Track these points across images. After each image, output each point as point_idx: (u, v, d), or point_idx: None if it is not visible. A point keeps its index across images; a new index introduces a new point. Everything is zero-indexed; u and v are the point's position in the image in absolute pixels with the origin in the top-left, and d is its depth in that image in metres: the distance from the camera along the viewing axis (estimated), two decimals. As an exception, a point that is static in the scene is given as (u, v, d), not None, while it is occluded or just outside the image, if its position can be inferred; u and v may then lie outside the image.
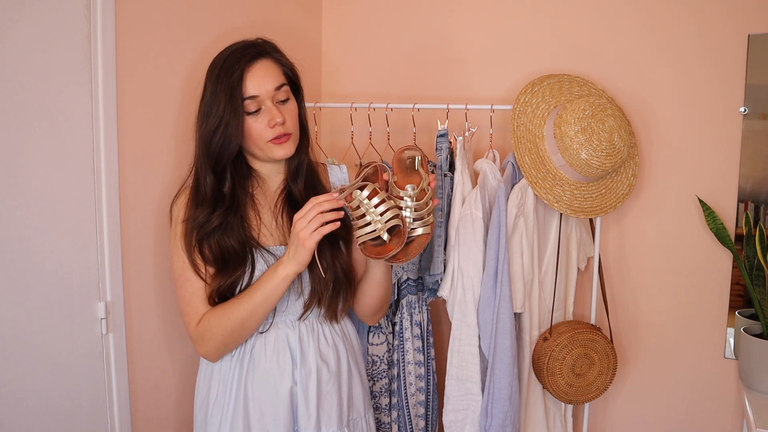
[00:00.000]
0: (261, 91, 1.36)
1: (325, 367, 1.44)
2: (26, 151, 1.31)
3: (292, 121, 1.41)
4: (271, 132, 1.37)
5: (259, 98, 1.36)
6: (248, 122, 1.37)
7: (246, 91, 1.35)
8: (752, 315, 1.77)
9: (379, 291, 1.49)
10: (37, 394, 1.36)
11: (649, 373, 1.93)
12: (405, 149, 1.47)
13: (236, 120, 1.34)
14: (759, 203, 1.76)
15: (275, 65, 1.41)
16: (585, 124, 1.60)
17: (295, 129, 1.43)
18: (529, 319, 1.76)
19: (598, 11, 1.89)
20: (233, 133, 1.35)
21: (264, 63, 1.39)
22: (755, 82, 1.73)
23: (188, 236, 1.38)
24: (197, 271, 1.38)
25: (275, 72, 1.40)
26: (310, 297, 1.42)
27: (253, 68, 1.36)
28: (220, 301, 1.38)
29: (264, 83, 1.37)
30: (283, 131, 1.38)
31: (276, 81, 1.38)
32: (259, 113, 1.37)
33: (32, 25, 1.31)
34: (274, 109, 1.37)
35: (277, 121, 1.36)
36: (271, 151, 1.40)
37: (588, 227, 1.90)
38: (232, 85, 1.34)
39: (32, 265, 1.34)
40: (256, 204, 1.45)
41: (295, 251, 1.31)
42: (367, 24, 2.21)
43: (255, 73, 1.36)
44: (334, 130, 2.26)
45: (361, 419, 1.52)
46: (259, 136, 1.38)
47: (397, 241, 1.32)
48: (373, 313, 1.55)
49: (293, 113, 1.42)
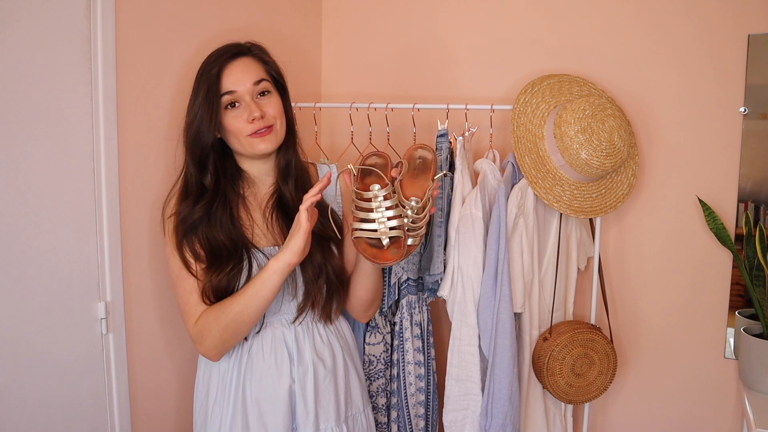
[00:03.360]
0: (238, 87, 1.39)
1: (321, 364, 1.44)
2: (26, 151, 1.31)
3: (274, 113, 1.42)
4: (251, 127, 1.39)
5: (236, 93, 1.39)
6: (228, 119, 1.40)
7: (223, 87, 1.38)
8: (752, 315, 1.77)
9: (370, 283, 1.49)
10: (37, 394, 1.36)
11: (649, 373, 1.93)
12: (418, 147, 1.45)
13: (209, 114, 1.37)
14: (759, 203, 1.76)
15: (256, 62, 1.43)
16: (585, 124, 1.60)
17: (277, 122, 1.43)
18: (529, 319, 1.76)
19: (598, 11, 1.89)
20: (207, 127, 1.38)
21: (243, 60, 1.42)
22: (755, 82, 1.73)
23: (176, 232, 1.40)
24: (189, 269, 1.38)
25: (255, 69, 1.42)
26: (304, 300, 1.43)
27: (231, 65, 1.40)
28: (217, 300, 1.38)
29: (242, 79, 1.39)
30: (263, 124, 1.40)
31: (255, 77, 1.41)
32: (238, 109, 1.40)
33: (32, 25, 1.31)
34: (253, 104, 1.39)
35: (255, 116, 1.38)
36: (251, 145, 1.41)
37: (588, 227, 1.90)
38: (210, 82, 1.38)
39: (32, 265, 1.34)
40: (248, 205, 1.45)
41: (290, 238, 1.32)
42: (366, 24, 2.21)
43: (233, 69, 1.40)
44: (334, 130, 2.26)
45: (360, 414, 1.53)
46: (239, 130, 1.40)
47: (396, 252, 1.31)
48: (365, 307, 1.56)
49: (275, 106, 1.43)
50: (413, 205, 1.33)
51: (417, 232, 1.34)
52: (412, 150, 1.45)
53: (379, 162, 1.43)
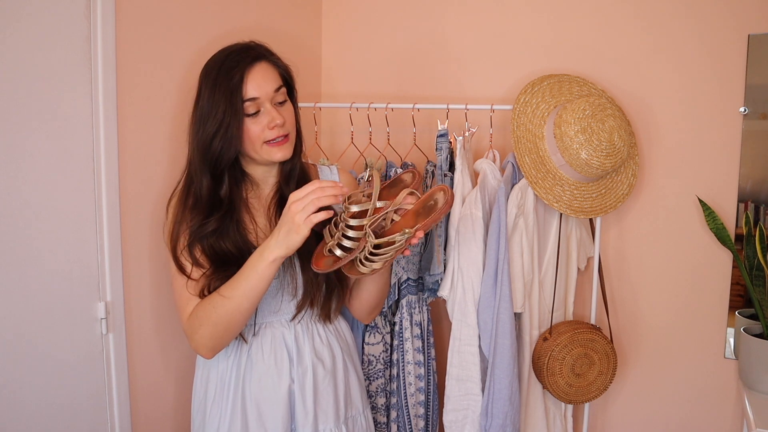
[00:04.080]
0: (261, 92, 1.36)
1: (321, 365, 1.44)
2: (26, 151, 1.31)
3: (291, 123, 1.41)
4: (270, 133, 1.37)
5: (258, 100, 1.36)
6: (247, 124, 1.37)
7: (246, 94, 1.34)
8: (752, 315, 1.77)
9: (376, 286, 1.49)
10: (37, 394, 1.36)
11: (649, 373, 1.93)
12: (441, 190, 1.36)
13: (237, 123, 1.34)
14: (759, 203, 1.76)
15: (272, 67, 1.41)
16: (585, 124, 1.60)
17: (293, 131, 1.43)
18: (529, 319, 1.76)
19: (598, 11, 1.89)
20: (234, 135, 1.34)
21: (263, 65, 1.38)
22: (755, 82, 1.73)
23: (174, 238, 1.37)
24: (183, 271, 1.36)
25: (273, 74, 1.40)
26: (303, 299, 1.43)
27: (253, 70, 1.36)
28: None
29: (263, 85, 1.36)
30: (283, 132, 1.38)
31: (275, 83, 1.38)
32: (258, 115, 1.37)
33: (32, 25, 1.31)
34: (274, 110, 1.37)
35: (277, 123, 1.36)
36: (268, 153, 1.39)
37: (588, 227, 1.90)
38: (231, 89, 1.33)
39: (32, 265, 1.34)
40: (251, 208, 1.45)
41: (286, 234, 1.25)
42: (366, 24, 2.21)
43: (255, 75, 1.36)
44: (334, 130, 2.26)
45: (360, 415, 1.53)
46: (257, 137, 1.37)
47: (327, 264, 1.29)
48: (369, 310, 1.56)
49: (291, 115, 1.42)
50: (371, 240, 1.27)
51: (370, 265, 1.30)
52: (436, 189, 1.37)
53: (407, 180, 1.40)
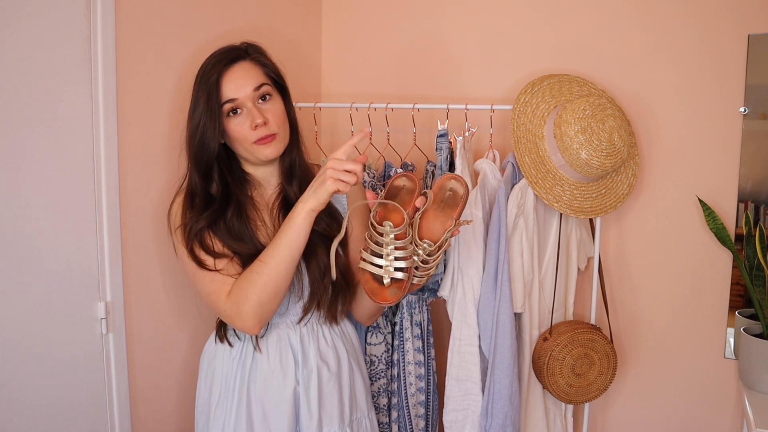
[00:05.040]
0: (239, 93, 1.36)
1: (326, 367, 1.44)
2: (26, 151, 1.31)
3: (276, 121, 1.40)
4: (254, 134, 1.37)
5: (237, 101, 1.36)
6: (231, 126, 1.37)
7: (223, 96, 1.36)
8: (752, 315, 1.77)
9: None
10: (37, 394, 1.36)
11: (649, 373, 1.93)
12: (451, 178, 1.35)
13: (212, 123, 1.35)
14: (759, 203, 1.76)
15: (255, 66, 1.40)
16: (585, 124, 1.60)
17: (281, 128, 1.41)
18: (529, 319, 1.76)
19: (598, 11, 1.89)
20: (210, 136, 1.36)
21: (242, 65, 1.38)
22: (755, 82, 1.73)
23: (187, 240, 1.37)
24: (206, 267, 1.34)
25: (254, 73, 1.39)
26: (310, 300, 1.42)
27: (229, 72, 1.37)
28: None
29: (242, 85, 1.36)
30: (267, 132, 1.37)
31: (255, 82, 1.38)
32: (240, 115, 1.37)
33: (32, 25, 1.31)
34: (255, 110, 1.37)
35: (258, 122, 1.36)
36: (257, 151, 1.39)
37: (588, 227, 1.90)
38: (209, 90, 1.35)
39: (32, 265, 1.34)
40: (257, 207, 1.45)
41: (318, 186, 1.26)
42: (366, 24, 2.21)
43: (232, 76, 1.37)
44: (334, 130, 2.26)
45: (365, 418, 1.53)
46: (244, 138, 1.37)
47: (395, 294, 1.27)
48: (370, 315, 1.56)
49: (277, 112, 1.41)
50: (425, 247, 1.27)
51: (426, 272, 1.30)
52: (444, 180, 1.35)
53: (407, 185, 1.36)
